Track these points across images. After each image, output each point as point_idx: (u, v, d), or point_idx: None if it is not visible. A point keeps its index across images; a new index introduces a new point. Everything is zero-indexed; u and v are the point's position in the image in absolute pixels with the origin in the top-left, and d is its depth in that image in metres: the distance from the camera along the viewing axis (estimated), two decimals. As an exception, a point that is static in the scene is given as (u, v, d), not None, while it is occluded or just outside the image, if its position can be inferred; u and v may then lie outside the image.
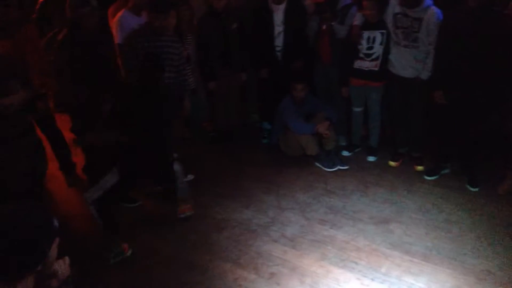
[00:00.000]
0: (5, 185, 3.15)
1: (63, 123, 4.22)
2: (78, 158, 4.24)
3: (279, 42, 4.58)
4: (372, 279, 3.09)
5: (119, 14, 4.11)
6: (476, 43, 3.61)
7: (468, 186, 4.07)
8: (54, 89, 3.57)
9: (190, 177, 4.29)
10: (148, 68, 3.40)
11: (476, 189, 4.03)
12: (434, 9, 3.85)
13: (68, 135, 4.16)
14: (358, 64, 4.28)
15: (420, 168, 4.37)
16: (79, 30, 3.32)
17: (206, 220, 3.78)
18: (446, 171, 4.28)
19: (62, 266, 1.66)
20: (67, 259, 1.70)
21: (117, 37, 4.06)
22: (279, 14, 4.50)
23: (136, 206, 3.99)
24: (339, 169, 4.46)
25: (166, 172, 3.55)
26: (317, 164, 4.53)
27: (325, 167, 4.48)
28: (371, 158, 4.61)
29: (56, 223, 1.53)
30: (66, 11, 3.37)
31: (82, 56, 3.30)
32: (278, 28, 4.53)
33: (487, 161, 4.27)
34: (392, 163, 4.49)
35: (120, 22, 4.06)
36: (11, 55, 3.63)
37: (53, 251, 1.54)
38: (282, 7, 4.48)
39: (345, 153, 4.74)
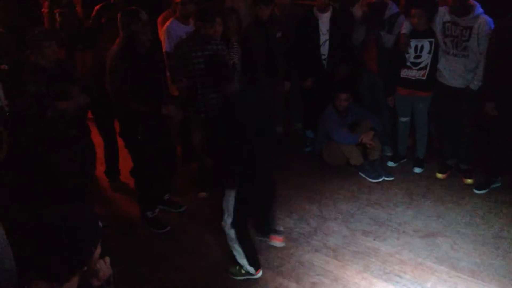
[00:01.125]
0: (58, 183, 3.32)
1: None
2: (125, 162, 4.37)
3: (324, 50, 4.57)
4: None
5: (167, 23, 4.24)
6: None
7: (521, 201, 3.90)
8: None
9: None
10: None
11: (528, 204, 3.86)
12: (485, 18, 3.73)
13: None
14: (405, 73, 4.20)
15: (469, 181, 4.22)
16: (133, 46, 3.43)
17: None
18: (497, 184, 4.12)
19: (103, 266, 1.71)
20: (107, 259, 1.75)
21: (165, 46, 4.18)
22: (324, 22, 4.49)
23: (182, 211, 4.08)
24: (384, 180, 4.37)
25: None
26: (361, 174, 4.47)
27: (370, 178, 4.41)
28: (417, 170, 4.50)
29: (101, 224, 1.59)
30: (119, 28, 3.49)
31: (138, 70, 3.42)
32: (324, 36, 4.52)
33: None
34: (439, 175, 4.37)
35: (168, 31, 4.18)
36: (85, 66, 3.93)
37: (97, 251, 1.59)
38: (327, 15, 4.47)
39: (391, 164, 4.65)
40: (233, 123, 2.90)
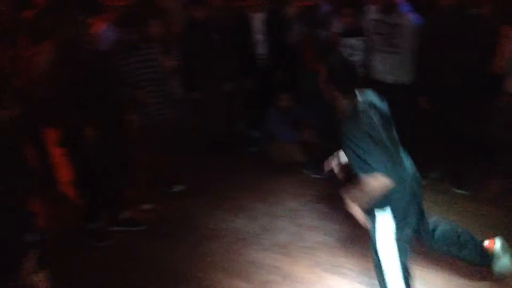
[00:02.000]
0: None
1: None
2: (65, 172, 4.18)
3: (261, 50, 4.61)
4: (364, 284, 3.09)
5: (102, 27, 4.11)
6: (452, 46, 3.68)
7: (456, 189, 4.11)
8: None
9: (180, 187, 4.28)
10: None
11: (465, 192, 4.07)
12: (411, 15, 3.92)
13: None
14: (341, 71, 4.31)
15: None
16: (73, 51, 3.28)
17: (197, 231, 3.76)
18: (435, 174, 4.31)
19: (42, 280, 1.64)
20: (45, 273, 1.68)
21: None
22: (259, 23, 4.53)
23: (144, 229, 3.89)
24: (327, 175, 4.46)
25: None
26: (306, 171, 4.54)
27: (314, 174, 4.49)
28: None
29: (34, 237, 1.51)
30: (56, 31, 3.33)
31: (78, 75, 3.26)
32: (258, 37, 4.55)
33: (475, 164, 4.32)
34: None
35: (102, 36, 4.06)
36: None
37: (28, 264, 1.51)
38: (260, 15, 4.51)
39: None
40: None
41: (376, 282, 3.03)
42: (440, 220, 2.95)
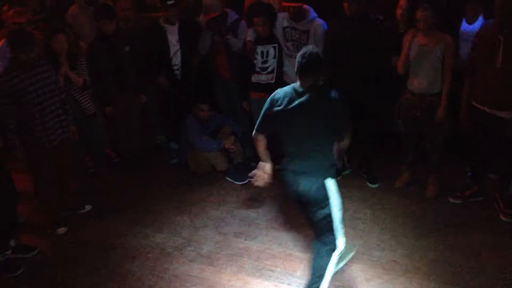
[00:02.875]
0: None
1: None
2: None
3: (176, 60, 4.59)
4: (289, 284, 3.18)
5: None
6: (356, 50, 3.91)
7: (368, 184, 4.34)
8: None
9: (88, 207, 4.13)
10: None
11: (376, 185, 4.32)
12: (319, 21, 4.11)
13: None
14: (255, 78, 4.41)
15: (323, 171, 4.57)
16: None
17: (117, 250, 3.64)
18: (347, 171, 4.53)
19: None
20: None
21: None
22: (173, 33, 4.51)
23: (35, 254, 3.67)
24: (250, 181, 4.52)
25: None
26: (228, 179, 4.57)
27: (236, 181, 4.53)
28: (277, 166, 4.71)
29: None
30: None
31: None
32: (174, 47, 4.54)
33: (383, 159, 4.60)
34: (298, 170, 4.65)
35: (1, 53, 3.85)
36: None
37: None
38: (175, 26, 4.50)
39: (254, 164, 4.80)
40: None
41: (299, 279, 3.14)
42: None
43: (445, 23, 3.85)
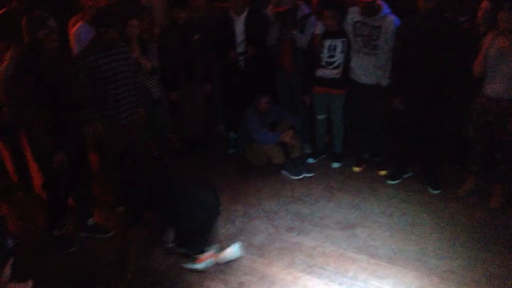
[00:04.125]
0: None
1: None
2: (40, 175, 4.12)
3: (241, 51, 4.62)
4: (340, 284, 3.13)
5: (76, 26, 4.06)
6: (430, 49, 3.75)
7: (429, 189, 4.18)
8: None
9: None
10: None
11: (438, 191, 4.14)
12: (392, 17, 3.98)
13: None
14: (320, 72, 4.35)
15: (383, 172, 4.46)
16: (37, 54, 3.19)
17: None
18: (408, 174, 4.39)
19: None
20: (30, 283, 1.64)
21: (74, 50, 4.01)
22: (240, 24, 4.54)
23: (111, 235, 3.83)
24: (305, 177, 4.50)
25: None
26: (283, 172, 4.56)
27: (291, 175, 4.51)
28: (335, 165, 4.68)
29: (11, 243, 1.47)
30: (22, 34, 3.25)
31: (43, 80, 3.18)
32: (240, 37, 4.57)
33: (447, 164, 4.41)
34: (356, 169, 4.57)
35: (77, 35, 4.02)
36: None
37: (6, 271, 1.47)
38: (242, 16, 4.52)
39: (311, 160, 4.79)
40: None
41: (350, 280, 3.09)
42: None
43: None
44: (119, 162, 3.47)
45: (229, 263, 3.35)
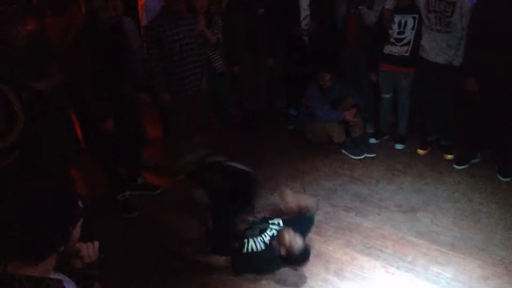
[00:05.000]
0: (37, 162, 3.23)
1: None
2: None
3: (305, 25, 4.53)
4: (398, 268, 3.05)
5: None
6: (507, 31, 3.48)
7: (498, 176, 3.97)
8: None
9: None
10: None
11: (507, 179, 3.92)
12: (468, -7, 3.74)
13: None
14: (388, 49, 4.19)
15: (449, 156, 4.27)
16: (95, 24, 3.27)
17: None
18: (477, 160, 4.18)
19: (90, 250, 1.66)
20: (96, 243, 1.70)
21: (143, 20, 4.10)
22: (304, -1, 4.45)
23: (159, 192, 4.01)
24: (366, 157, 4.40)
25: None
26: (344, 152, 4.49)
27: (352, 155, 4.43)
28: (399, 146, 4.54)
29: (80, 204, 1.54)
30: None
31: (99, 51, 3.26)
32: (305, 11, 4.47)
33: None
34: (420, 152, 4.41)
35: (146, 5, 4.11)
36: (54, 34, 3.68)
37: (76, 232, 1.54)
38: None
39: (373, 141, 4.68)
40: None
41: (409, 264, 3.01)
42: None
43: None
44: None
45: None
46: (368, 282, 2.94)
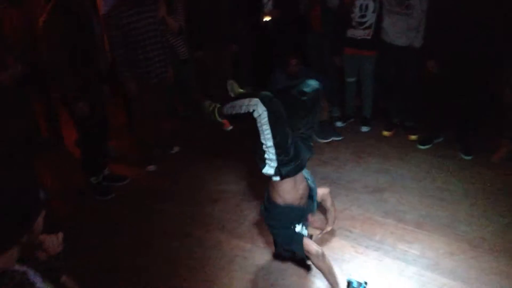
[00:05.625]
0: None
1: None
2: (70, 131, 4.20)
3: (267, 10, 4.51)
4: (367, 247, 3.11)
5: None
6: (469, 10, 3.56)
7: (461, 155, 4.08)
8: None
9: (176, 149, 4.29)
10: None
11: (470, 157, 4.04)
12: (427, -25, 3.79)
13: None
14: (351, 32, 4.23)
15: (413, 137, 4.37)
16: (68, 8, 3.20)
17: (203, 192, 3.79)
18: (440, 139, 4.29)
19: (55, 241, 1.62)
20: (60, 235, 1.66)
21: (102, 8, 3.98)
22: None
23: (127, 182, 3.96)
24: (333, 140, 4.45)
25: None
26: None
27: (319, 138, 4.47)
28: (364, 129, 4.61)
29: (43, 194, 1.48)
30: None
31: (74, 36, 3.21)
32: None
33: (480, 129, 4.28)
34: (385, 133, 4.49)
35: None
36: (13, 26, 3.57)
37: (39, 223, 1.49)
38: None
39: (339, 124, 4.73)
40: None
41: (377, 243, 3.07)
42: None
43: None
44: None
45: (257, 223, 3.38)
46: (338, 262, 2.97)
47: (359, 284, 2.64)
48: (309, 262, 2.76)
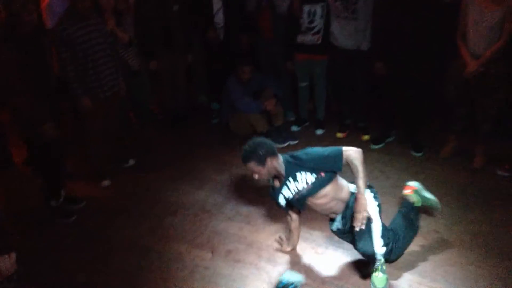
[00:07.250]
0: None
1: None
2: (21, 151, 4.06)
3: (218, 19, 4.53)
4: (326, 247, 3.17)
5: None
6: (411, 13, 3.72)
7: (412, 152, 4.23)
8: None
9: (132, 162, 4.24)
10: None
11: (420, 154, 4.20)
12: (371, -20, 3.93)
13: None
14: (300, 38, 4.31)
15: (366, 137, 4.49)
16: (15, 29, 3.09)
17: (160, 204, 3.75)
18: (391, 138, 4.43)
19: (7, 263, 1.57)
20: (13, 255, 1.61)
21: (48, 23, 3.88)
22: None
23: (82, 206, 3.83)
24: (290, 144, 4.51)
25: None
26: (268, 141, 4.56)
27: (276, 143, 4.47)
28: (319, 131, 4.70)
29: None
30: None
31: (24, 56, 3.11)
32: (217, 5, 4.48)
33: (428, 126, 4.45)
34: (339, 135, 4.60)
35: (50, 6, 3.89)
36: None
37: None
38: None
39: (294, 128, 4.80)
40: None
41: (337, 243, 3.13)
42: None
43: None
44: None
45: (217, 232, 3.37)
46: (299, 265, 3.02)
47: (290, 284, 2.69)
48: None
